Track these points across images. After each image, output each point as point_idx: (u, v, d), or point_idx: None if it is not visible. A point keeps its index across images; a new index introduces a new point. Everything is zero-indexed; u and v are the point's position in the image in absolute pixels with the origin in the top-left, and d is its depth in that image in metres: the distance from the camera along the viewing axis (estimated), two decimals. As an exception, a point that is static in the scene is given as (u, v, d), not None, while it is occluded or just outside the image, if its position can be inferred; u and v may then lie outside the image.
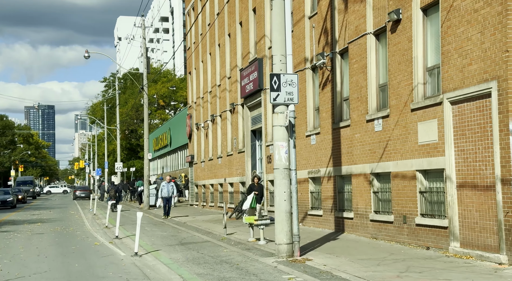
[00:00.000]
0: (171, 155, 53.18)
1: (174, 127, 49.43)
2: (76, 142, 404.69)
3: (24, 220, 26.92)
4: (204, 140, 32.28)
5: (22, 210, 37.62)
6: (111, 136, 75.54)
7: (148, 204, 32.92)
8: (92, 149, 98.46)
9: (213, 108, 30.01)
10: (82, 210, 35.99)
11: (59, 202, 52.72)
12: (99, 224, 23.67)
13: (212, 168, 30.27)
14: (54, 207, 40.69)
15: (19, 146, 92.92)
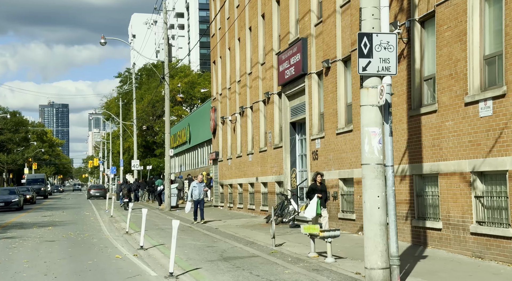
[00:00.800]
0: (190, 153, 50.27)
1: (194, 122, 46.50)
2: (90, 140, 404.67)
3: (33, 222, 24.10)
4: (231, 135, 29.27)
5: (33, 210, 34.87)
6: (126, 133, 72.94)
7: (169, 205, 30.00)
8: (107, 146, 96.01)
9: (242, 99, 26.99)
10: (97, 210, 33.16)
11: (73, 202, 50.06)
12: (117, 228, 20.74)
13: (241, 166, 27.26)
14: (67, 207, 37.95)
15: (33, 143, 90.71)
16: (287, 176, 20.90)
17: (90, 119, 78.63)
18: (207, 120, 41.78)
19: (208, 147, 42.16)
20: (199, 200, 20.92)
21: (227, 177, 30.08)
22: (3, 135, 77.37)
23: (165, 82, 29.87)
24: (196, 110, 47.66)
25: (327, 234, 10.59)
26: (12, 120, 78.32)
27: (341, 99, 16.45)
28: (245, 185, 26.61)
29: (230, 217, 24.27)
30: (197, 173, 46.98)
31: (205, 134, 42.40)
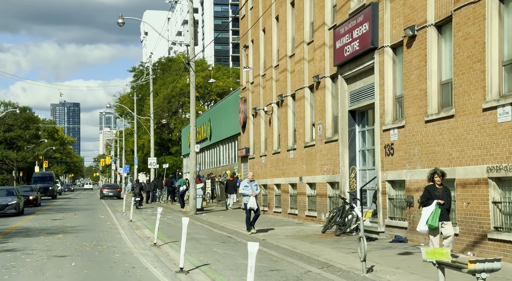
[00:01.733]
0: (210, 150, 46.73)
1: (216, 117, 42.96)
2: (101, 139, 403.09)
3: (41, 228, 20.61)
4: (266, 128, 25.65)
5: (42, 212, 31.47)
6: (140, 130, 69.65)
7: (194, 208, 26.42)
8: (119, 144, 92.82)
9: (281, 87, 23.35)
10: (113, 213, 29.68)
11: (85, 202, 46.68)
12: (141, 237, 17.18)
13: (279, 164, 23.62)
14: (80, 209, 34.53)
15: (43, 141, 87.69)
16: (345, 175, 17.22)
17: (103, 115, 74.97)
18: (231, 114, 38.22)
19: (233, 143, 38.61)
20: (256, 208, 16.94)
21: (260, 177, 26.46)
22: (13, 132, 74.31)
23: (190, 68, 26.29)
24: (219, 103, 44.09)
25: (480, 266, 6.80)
26: (22, 116, 75.24)
27: (432, 77, 12.75)
28: (284, 186, 22.97)
29: (271, 223, 20.64)
30: (219, 172, 43.41)
31: (229, 130, 38.85)
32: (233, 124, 37.48)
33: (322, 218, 18.82)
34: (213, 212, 28.20)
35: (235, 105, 37.22)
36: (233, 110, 37.77)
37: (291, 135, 22.46)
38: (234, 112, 37.45)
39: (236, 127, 36.65)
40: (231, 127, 38.07)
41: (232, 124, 37.80)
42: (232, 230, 18.17)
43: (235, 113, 36.97)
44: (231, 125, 38.05)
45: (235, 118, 37.07)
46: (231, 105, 38.61)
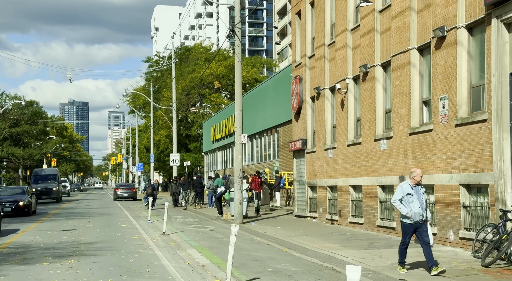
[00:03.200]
0: (239, 145, 40.83)
1: (248, 107, 37.05)
2: (110, 138, 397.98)
3: (45, 247, 14.75)
4: (336, 112, 19.68)
5: (49, 218, 25.67)
6: (155, 125, 63.92)
7: (241, 215, 20.53)
8: (132, 141, 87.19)
9: (363, 55, 17.39)
10: (135, 220, 23.84)
11: (98, 204, 40.89)
12: (193, 266, 11.21)
13: (359, 159, 17.67)
14: (93, 214, 28.68)
15: (52, 137, 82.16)
16: (505, 174, 11.24)
17: (117, 107, 68.88)
18: (270, 101, 32.35)
19: (272, 136, 32.71)
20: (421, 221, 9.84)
21: (325, 176, 20.52)
22: (19, 127, 68.76)
23: (236, 37, 20.37)
24: (251, 91, 38.18)
25: None
26: (29, 110, 69.72)
27: None
28: (368, 189, 17.01)
29: (367, 242, 14.74)
30: (251, 171, 37.55)
31: (266, 120, 32.97)
32: (273, 113, 31.60)
33: (449, 237, 12.88)
34: (261, 219, 22.34)
35: (276, 90, 31.33)
36: (273, 97, 31.87)
37: (381, 118, 16.51)
38: (274, 98, 31.56)
39: (278, 117, 30.77)
40: (270, 117, 32.19)
41: (272, 113, 31.92)
42: (322, 255, 12.23)
43: (276, 99, 31.08)
44: (270, 114, 32.17)
45: (275, 105, 31.18)
46: (269, 91, 32.72)
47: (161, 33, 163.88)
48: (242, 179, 20.88)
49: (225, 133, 43.47)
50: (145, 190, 34.38)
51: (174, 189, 31.08)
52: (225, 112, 44.29)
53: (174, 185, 31.02)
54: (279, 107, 30.74)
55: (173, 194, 31.50)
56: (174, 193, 31.41)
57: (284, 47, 73.55)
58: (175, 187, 31.02)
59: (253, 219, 21.97)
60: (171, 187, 31.14)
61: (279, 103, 30.67)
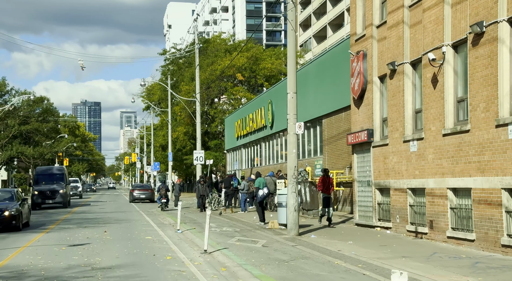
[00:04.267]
0: (270, 142, 36.41)
1: (283, 97, 32.64)
2: (122, 138, 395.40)
3: (46, 276, 10.42)
4: (423, 92, 15.14)
5: (57, 225, 21.37)
6: (173, 121, 59.68)
7: (296, 225, 16.04)
8: (146, 139, 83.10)
9: (473, 12, 12.86)
10: (161, 229, 19.47)
11: (113, 208, 36.64)
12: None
13: (464, 152, 13.15)
14: (109, 220, 24.37)
15: (64, 136, 78.22)
16: None
17: (132, 102, 65.04)
18: (310, 90, 27.90)
19: (314, 129, 28.24)
20: None
21: (404, 175, 16.01)
22: (29, 125, 64.82)
23: (292, 1, 15.87)
24: (285, 80, 33.61)
25: None
26: (39, 106, 65.76)
27: None
28: (482, 193, 12.48)
29: (492, 268, 10.28)
30: (284, 170, 33.05)
31: (306, 112, 28.47)
32: (316, 103, 27.14)
33: None
34: (317, 229, 17.89)
35: (319, 76, 26.86)
36: (315, 83, 27.39)
37: (507, 95, 11.97)
38: (317, 85, 27.08)
39: (322, 106, 26.31)
40: (312, 108, 27.73)
41: (314, 102, 27.47)
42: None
43: (320, 86, 26.63)
44: (312, 104, 27.72)
45: (319, 93, 26.73)
46: (309, 78, 28.24)
47: (174, 31, 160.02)
48: (296, 179, 16.41)
49: (252, 128, 39.05)
50: (158, 191, 31.53)
51: (202, 190, 26.64)
52: (253, 105, 39.86)
53: (202, 186, 26.58)
54: (323, 95, 26.28)
55: (200, 196, 27.06)
56: (201, 196, 26.97)
57: (308, 38, 68.97)
58: (203, 189, 26.58)
59: (306, 229, 17.49)
60: (197, 189, 26.76)
61: (323, 90, 26.21)
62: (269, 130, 35.51)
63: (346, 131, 22.18)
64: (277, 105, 33.87)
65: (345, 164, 23.89)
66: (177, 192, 33.61)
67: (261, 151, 38.53)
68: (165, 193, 31.10)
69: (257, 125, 37.76)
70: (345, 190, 24.01)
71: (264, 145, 38.00)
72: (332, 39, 60.53)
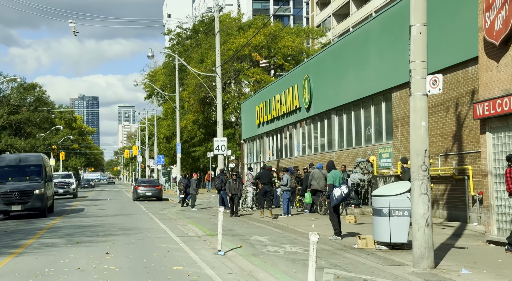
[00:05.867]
0: (305, 127, 29.75)
1: (323, 71, 25.99)
2: (120, 134, 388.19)
3: None
4: None
5: (39, 240, 14.73)
6: (175, 112, 52.98)
7: (429, 249, 9.41)
8: (149, 130, 76.40)
9: None
10: (190, 248, 12.79)
11: (115, 209, 29.92)
12: None
13: None
14: (111, 230, 17.59)
15: (59, 128, 71.41)
16: None
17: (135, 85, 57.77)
18: (371, 57, 21.12)
19: (376, 107, 21.50)
20: None
21: None
22: (19, 114, 58.06)
23: None
24: (327, 49, 26.82)
25: None
26: (30, 93, 58.97)
27: None
28: None
29: None
30: (324, 160, 26.47)
31: (363, 85, 21.77)
32: (379, 72, 20.39)
33: None
34: (448, 254, 11.28)
35: (386, 34, 20.09)
36: (380, 46, 20.58)
37: None
38: (382, 48, 20.30)
39: (389, 76, 19.61)
40: (373, 79, 21.02)
41: (376, 72, 20.75)
42: None
43: (388, 49, 19.88)
44: (374, 74, 21.02)
45: (386, 59, 20.01)
46: (370, 40, 21.45)
47: (174, 20, 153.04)
48: (426, 173, 9.81)
49: (280, 112, 32.39)
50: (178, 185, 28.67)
51: (234, 188, 19.83)
52: (280, 84, 33.12)
53: (234, 183, 19.79)
54: (391, 61, 19.57)
55: (231, 196, 20.22)
56: (233, 196, 20.15)
57: (326, 17, 62.16)
58: (235, 186, 19.79)
59: (439, 252, 10.83)
60: (228, 185, 19.99)
61: (392, 53, 19.49)
62: (304, 113, 28.86)
63: (451, 101, 15.45)
64: (317, 81, 27.21)
65: (436, 150, 17.24)
66: (194, 190, 26.97)
67: (292, 139, 31.87)
68: (184, 189, 28.10)
69: (287, 107, 31.10)
70: (434, 187, 17.38)
71: (295, 132, 31.33)
72: (356, 16, 53.77)
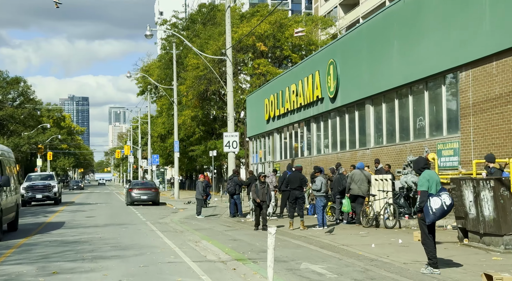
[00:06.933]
0: (328, 121, 25.38)
1: (355, 52, 21.67)
2: (110, 134, 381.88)
3: None
4: None
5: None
6: (171, 109, 48.61)
7: None
8: (141, 129, 71.73)
9: None
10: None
11: (106, 216, 25.32)
12: None
13: None
14: (101, 250, 12.99)
15: (45, 125, 66.57)
16: None
17: (127, 77, 53.55)
18: (431, 27, 16.81)
19: (433, 92, 17.13)
20: None
21: None
22: (2, 111, 53.28)
23: None
24: (369, 20, 22.42)
25: None
26: (14, 88, 54.22)
27: None
28: None
29: None
30: (354, 158, 22.05)
31: (419, 63, 17.45)
32: (443, 46, 16.11)
33: None
34: None
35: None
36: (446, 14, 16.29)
37: None
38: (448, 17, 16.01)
39: (460, 49, 15.33)
40: (434, 56, 16.68)
41: (435, 46, 16.46)
42: None
43: (458, 16, 15.60)
44: (434, 49, 16.69)
45: (454, 27, 15.70)
46: (432, 4, 17.16)
47: (165, 17, 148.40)
48: None
49: (296, 105, 28.05)
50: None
51: (262, 193, 15.35)
52: (298, 71, 28.73)
53: (261, 186, 15.36)
54: (461, 32, 15.27)
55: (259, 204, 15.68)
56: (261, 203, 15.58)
57: (332, 7, 57.95)
58: (263, 190, 15.35)
59: None
60: (255, 189, 15.53)
61: (461, 22, 15.19)
62: (328, 104, 24.53)
63: None
64: (345, 66, 22.89)
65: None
66: (201, 194, 22.55)
67: (311, 135, 27.52)
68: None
69: (305, 99, 26.77)
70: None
71: (315, 126, 27.00)
72: (366, 6, 49.60)
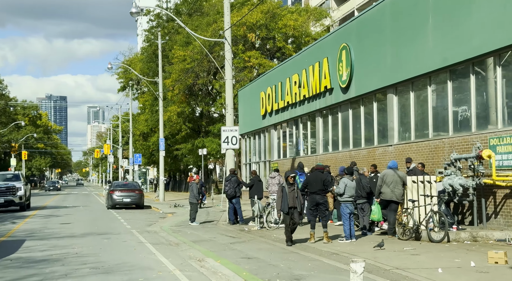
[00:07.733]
0: (338, 114, 22.37)
1: (371, 37, 18.70)
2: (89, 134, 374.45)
3: None
4: None
5: None
6: (156, 103, 45.31)
7: None
8: (122, 127, 68.03)
9: None
10: None
11: (85, 223, 21.85)
12: None
13: None
14: (83, 274, 9.83)
15: (19, 123, 62.48)
16: None
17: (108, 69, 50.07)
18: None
19: (487, 73, 14.22)
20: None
21: None
22: (-30, 107, 49.24)
23: None
24: (379, 3, 19.49)
25: None
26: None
27: None
28: None
29: None
30: (372, 157, 19.05)
31: (465, 45, 14.58)
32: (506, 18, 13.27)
33: None
34: None
35: None
36: None
37: None
38: None
39: None
40: (483, 35, 13.82)
41: (476, 25, 13.62)
42: None
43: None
44: (482, 26, 13.82)
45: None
46: None
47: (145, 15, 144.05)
48: None
49: (299, 97, 25.03)
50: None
51: (292, 198, 11.99)
52: (301, 60, 25.70)
53: (290, 188, 12.00)
54: None
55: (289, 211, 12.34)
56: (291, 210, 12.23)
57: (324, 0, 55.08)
58: (292, 194, 12.01)
59: None
60: (283, 194, 12.13)
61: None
62: (338, 95, 21.55)
63: None
64: (362, 51, 19.93)
65: None
66: (195, 197, 19.41)
67: (317, 130, 24.53)
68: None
69: (311, 90, 23.78)
70: None
71: (321, 121, 24.01)
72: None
